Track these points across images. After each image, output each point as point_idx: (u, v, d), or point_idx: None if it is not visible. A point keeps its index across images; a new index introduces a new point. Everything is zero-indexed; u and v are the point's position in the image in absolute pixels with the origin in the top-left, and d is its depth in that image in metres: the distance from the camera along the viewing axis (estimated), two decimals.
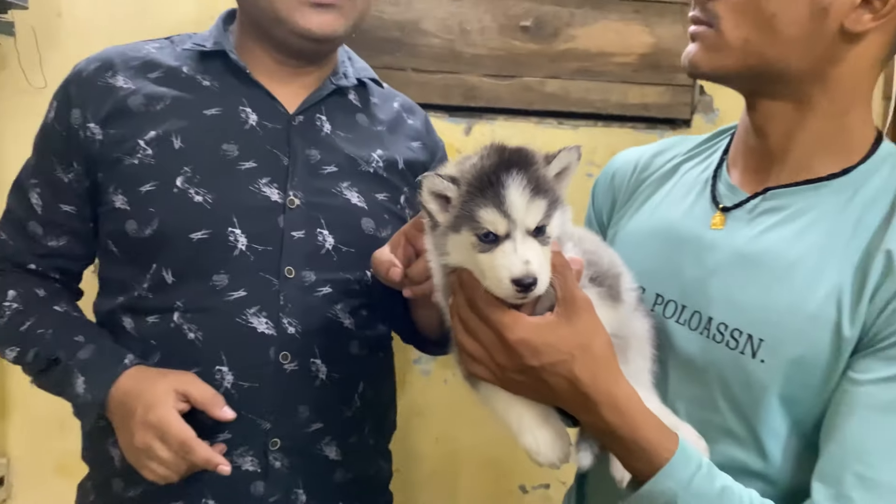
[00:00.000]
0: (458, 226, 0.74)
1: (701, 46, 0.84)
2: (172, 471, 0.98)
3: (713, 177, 0.92)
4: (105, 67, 1.07)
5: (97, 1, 1.60)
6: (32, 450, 1.72)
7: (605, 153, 1.68)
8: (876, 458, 0.74)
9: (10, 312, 1.09)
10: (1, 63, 1.58)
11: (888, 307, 0.76)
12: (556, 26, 1.65)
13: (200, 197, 1.03)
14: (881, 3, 0.78)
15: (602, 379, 0.75)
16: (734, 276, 0.84)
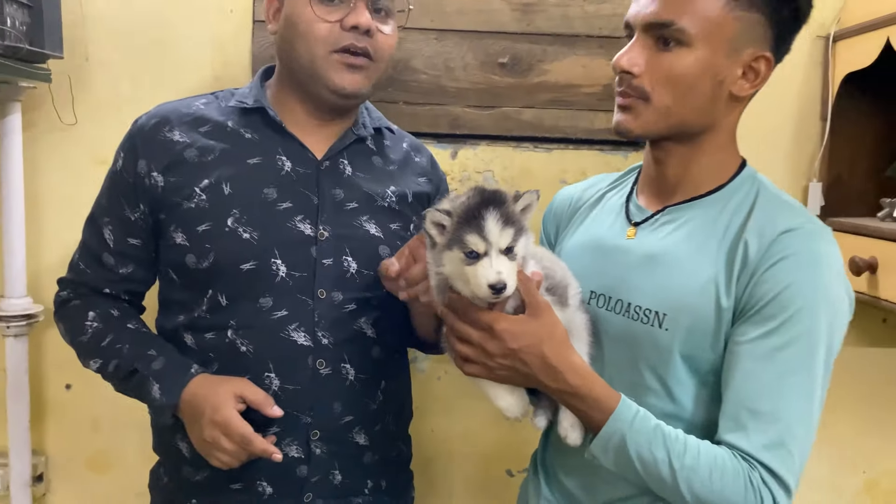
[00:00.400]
0: (451, 245, 0.97)
1: (632, 114, 1.05)
2: (234, 459, 1.14)
3: (626, 201, 1.17)
4: (163, 123, 1.22)
5: (119, 46, 1.70)
6: (67, 448, 1.81)
7: (575, 172, 1.81)
8: (758, 395, 0.96)
9: (91, 330, 1.24)
10: (37, 103, 1.69)
11: (750, 284, 0.98)
12: (530, 62, 1.76)
13: (247, 234, 1.18)
14: (754, 75, 1.04)
15: (563, 354, 1.00)
16: (644, 271, 1.07)
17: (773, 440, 0.94)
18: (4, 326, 1.66)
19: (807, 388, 0.96)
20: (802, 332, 0.95)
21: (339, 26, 1.16)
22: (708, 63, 1.02)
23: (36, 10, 1.48)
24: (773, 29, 1.03)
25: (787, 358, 0.95)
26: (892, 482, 1.94)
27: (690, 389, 1.04)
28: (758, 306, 0.97)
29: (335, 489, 1.23)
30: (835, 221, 1.76)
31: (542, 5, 1.75)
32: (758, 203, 1.05)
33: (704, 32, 1.00)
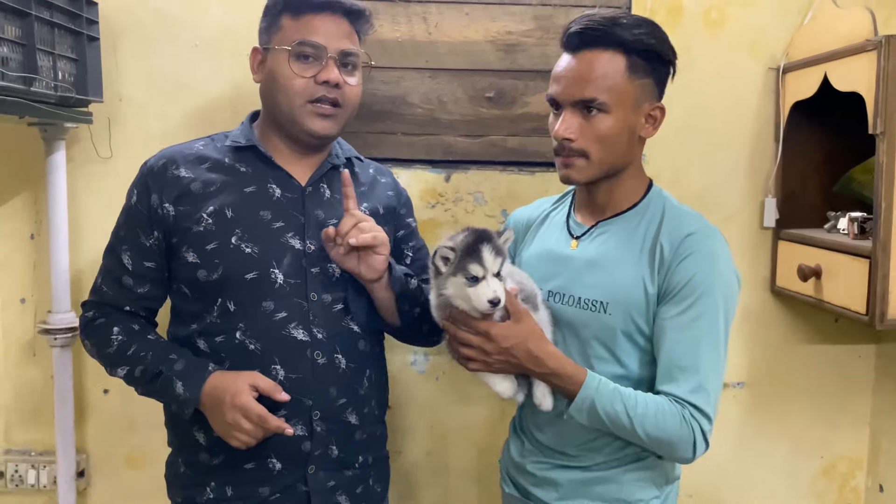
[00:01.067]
0: (455, 273, 1.25)
1: (576, 169, 1.33)
2: (252, 437, 1.31)
3: (567, 219, 1.45)
4: (170, 163, 1.40)
5: (149, 88, 1.89)
6: (106, 446, 1.97)
7: (555, 191, 1.81)
8: (682, 355, 1.27)
9: (117, 343, 1.40)
10: (77, 140, 1.88)
11: (668, 275, 1.28)
12: (514, 96, 1.94)
13: (249, 249, 1.37)
14: (654, 120, 1.34)
15: (542, 346, 1.29)
16: (588, 272, 1.35)
17: (696, 386, 1.25)
18: (52, 338, 1.85)
19: (714, 346, 1.27)
20: (707, 308, 1.27)
21: (313, 81, 1.36)
22: (623, 121, 1.30)
23: (81, 63, 1.69)
24: (657, 85, 1.34)
25: (698, 327, 1.26)
26: (847, 466, 2.13)
27: (631, 355, 1.33)
28: (674, 291, 1.28)
29: (333, 462, 1.41)
30: (787, 233, 1.96)
31: (523, 45, 1.94)
32: (666, 214, 1.35)
33: (616, 100, 1.29)
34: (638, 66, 1.29)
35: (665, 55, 1.32)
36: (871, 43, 1.56)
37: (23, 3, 1.46)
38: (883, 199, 1.55)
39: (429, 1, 1.92)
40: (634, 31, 1.28)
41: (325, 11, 1.38)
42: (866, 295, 1.59)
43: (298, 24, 1.38)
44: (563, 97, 1.31)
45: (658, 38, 1.31)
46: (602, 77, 1.28)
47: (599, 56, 1.29)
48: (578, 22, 1.31)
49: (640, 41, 1.28)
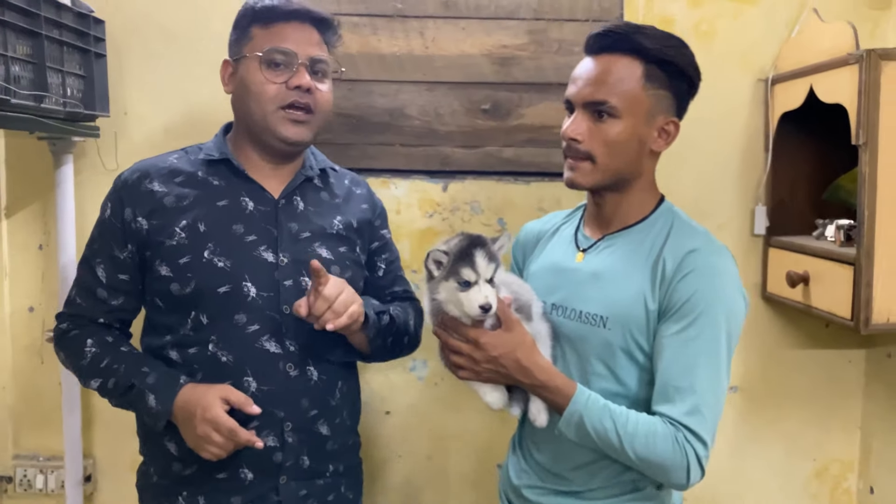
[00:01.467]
0: (448, 277, 1.25)
1: (580, 173, 1.32)
2: (223, 450, 1.31)
3: (576, 232, 1.43)
4: (144, 177, 1.41)
5: (153, 102, 1.94)
6: (113, 451, 2.01)
7: (551, 201, 2.02)
8: (679, 374, 1.23)
9: (90, 355, 1.40)
10: (84, 152, 1.94)
11: (668, 291, 1.26)
12: (509, 108, 1.98)
13: (222, 263, 1.37)
14: (667, 135, 1.33)
15: (531, 357, 1.27)
16: (590, 286, 1.33)
17: (692, 408, 1.21)
18: None
19: (714, 366, 1.23)
20: (707, 326, 1.23)
21: (284, 86, 1.37)
22: (633, 129, 1.29)
23: (89, 79, 1.75)
24: (676, 99, 1.32)
25: (697, 346, 1.23)
26: (839, 468, 2.16)
27: (630, 373, 1.30)
28: (675, 308, 1.25)
29: (304, 472, 1.42)
30: (777, 240, 2.00)
31: (518, 58, 1.99)
32: (672, 230, 1.32)
33: (628, 106, 1.27)
34: (655, 76, 1.28)
35: (685, 70, 1.30)
36: (853, 56, 1.60)
37: (33, 23, 1.51)
38: (866, 207, 1.60)
39: (426, 16, 1.97)
40: (656, 41, 1.27)
41: (294, 20, 1.40)
42: (851, 301, 1.63)
43: (268, 33, 1.39)
44: (576, 98, 1.31)
45: (681, 52, 1.30)
46: (616, 81, 1.27)
47: (617, 60, 1.28)
48: (602, 26, 1.31)
49: (660, 51, 1.27)
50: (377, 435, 2.08)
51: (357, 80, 1.97)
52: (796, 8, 2.00)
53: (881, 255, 1.60)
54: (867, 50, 1.57)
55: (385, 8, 1.97)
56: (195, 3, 1.95)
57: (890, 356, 2.06)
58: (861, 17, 1.98)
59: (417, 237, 2.04)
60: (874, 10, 2.02)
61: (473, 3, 1.97)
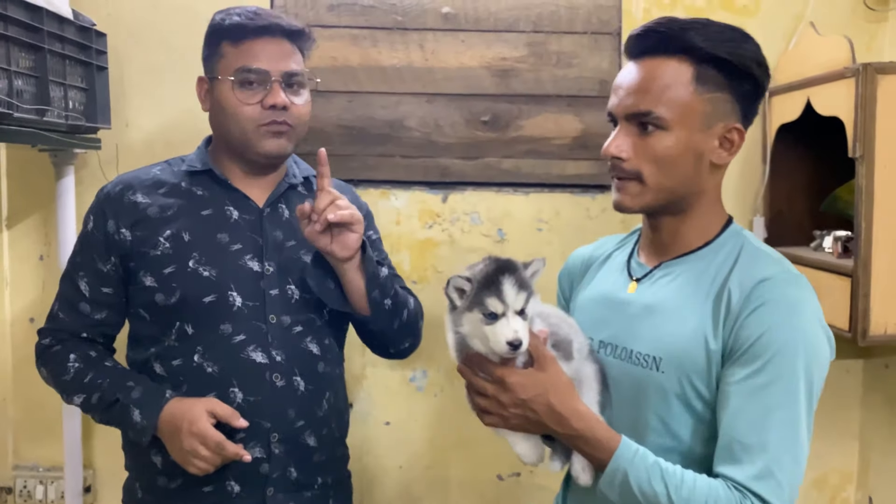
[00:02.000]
0: (472, 308, 1.07)
1: (628, 194, 1.14)
2: (210, 464, 1.30)
3: (629, 259, 1.26)
4: (126, 188, 1.40)
5: (154, 114, 1.96)
6: (112, 462, 1.93)
7: (549, 213, 2.03)
8: (747, 429, 1.02)
9: (73, 370, 1.38)
10: (85, 163, 1.95)
11: (735, 328, 1.06)
12: (508, 119, 1.99)
13: (207, 272, 1.37)
14: (730, 144, 1.13)
15: (567, 402, 1.08)
16: (643, 321, 1.15)
17: (762, 471, 1.00)
18: None
19: (791, 421, 1.02)
20: (783, 372, 1.02)
21: (259, 106, 1.36)
22: (686, 141, 1.10)
23: (91, 92, 1.76)
24: (738, 103, 1.12)
25: (770, 395, 1.02)
26: (838, 479, 2.16)
27: (688, 426, 1.10)
28: (742, 349, 1.04)
29: (292, 484, 1.40)
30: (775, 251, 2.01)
31: (516, 70, 2.00)
32: (741, 256, 1.12)
33: (678, 116, 1.09)
34: (709, 77, 1.10)
35: (747, 68, 1.10)
36: (849, 70, 1.62)
37: (36, 37, 1.52)
38: (863, 219, 1.61)
39: (426, 29, 1.98)
40: (709, 37, 1.09)
41: (264, 35, 1.38)
42: (849, 312, 1.64)
43: (239, 51, 1.38)
44: (618, 110, 1.14)
45: (740, 47, 1.10)
46: (663, 87, 1.09)
47: (662, 64, 1.10)
48: (643, 25, 1.14)
49: (713, 48, 1.09)
50: (377, 445, 2.08)
51: (357, 92, 1.99)
52: (793, 21, 2.02)
53: (878, 267, 1.61)
54: (863, 64, 1.58)
55: (385, 21, 1.98)
56: (196, 15, 1.94)
57: (888, 367, 2.07)
58: (857, 30, 2.00)
59: (417, 248, 2.05)
60: (870, 23, 2.04)
61: (473, 15, 1.99)
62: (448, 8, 1.98)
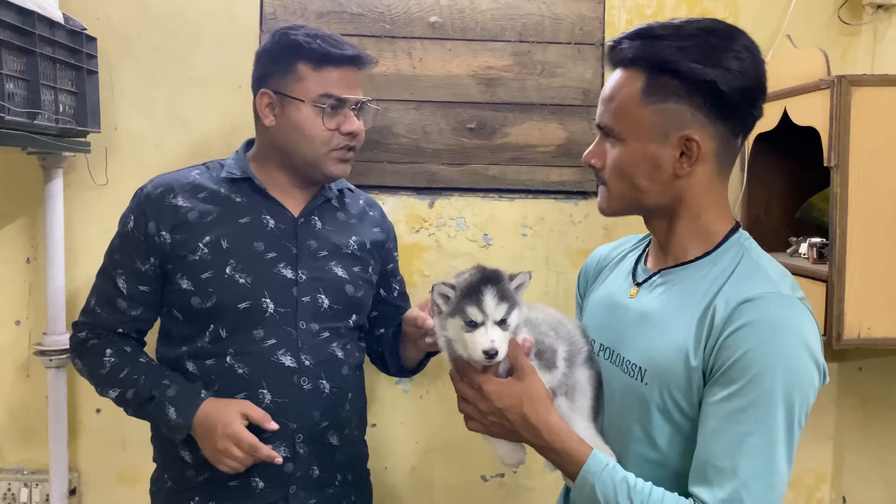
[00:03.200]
0: (454, 314, 1.10)
1: (601, 198, 1.18)
2: (242, 464, 1.36)
3: (636, 262, 1.25)
4: (167, 191, 1.44)
5: (144, 118, 1.97)
6: (98, 465, 2.02)
7: (533, 217, 2.07)
8: (720, 452, 1.00)
9: (109, 365, 1.43)
10: (74, 167, 1.95)
11: (716, 347, 1.03)
12: (494, 126, 2.03)
13: (243, 279, 1.41)
14: (689, 155, 1.09)
15: (541, 413, 1.08)
16: (636, 327, 1.15)
17: (731, 495, 0.98)
18: (47, 359, 1.90)
19: (765, 447, 0.99)
20: (761, 396, 0.99)
21: (337, 132, 1.43)
22: (639, 151, 1.10)
23: (81, 96, 1.77)
24: (699, 111, 1.07)
25: (746, 419, 0.99)
26: (813, 479, 2.22)
27: (668, 438, 1.09)
28: (722, 369, 1.02)
29: (314, 482, 1.45)
30: None
31: (502, 79, 2.04)
32: (737, 270, 1.09)
33: (627, 127, 1.11)
34: (659, 87, 1.08)
35: (699, 76, 1.05)
36: (824, 82, 1.67)
37: (27, 41, 1.53)
38: (837, 226, 1.66)
39: (413, 37, 2.02)
40: (665, 44, 1.07)
41: (349, 65, 1.44)
42: (824, 316, 1.69)
43: (321, 76, 1.42)
44: (596, 119, 1.18)
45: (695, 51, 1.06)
46: (613, 99, 1.12)
47: (621, 76, 1.12)
48: (617, 36, 1.15)
49: (664, 55, 1.07)
50: None
51: None
52: (771, 34, 2.08)
53: (852, 273, 1.66)
54: (838, 76, 1.64)
55: (374, 29, 2.01)
56: (186, 21, 1.98)
57: (861, 370, 2.13)
58: (832, 42, 2.07)
59: (404, 252, 2.05)
60: (844, 36, 2.11)
61: (460, 25, 2.02)
62: (435, 17, 2.02)
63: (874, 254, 1.66)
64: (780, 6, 2.08)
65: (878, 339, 1.68)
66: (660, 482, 1.06)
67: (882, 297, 1.67)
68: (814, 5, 2.09)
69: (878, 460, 2.07)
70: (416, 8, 2.01)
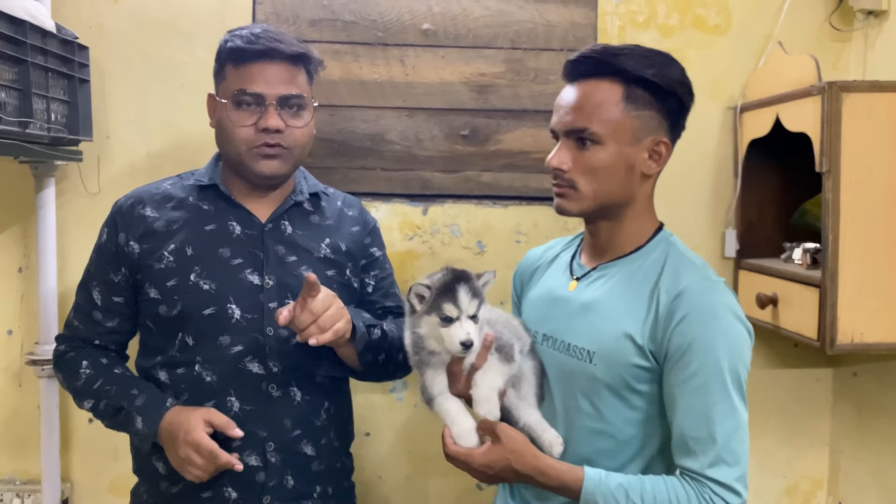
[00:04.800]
0: (430, 311, 1.23)
1: (566, 200, 1.28)
2: (205, 472, 1.34)
3: (571, 259, 1.40)
4: (137, 202, 1.46)
5: (136, 126, 1.97)
6: (90, 475, 2.01)
7: (528, 224, 2.07)
8: (695, 425, 1.18)
9: (84, 376, 1.44)
10: (66, 175, 1.95)
11: (665, 336, 1.20)
12: (487, 133, 2.03)
13: (208, 286, 1.41)
14: (658, 156, 1.28)
15: (529, 462, 1.23)
16: (580, 317, 1.29)
17: (714, 458, 1.16)
18: (39, 369, 1.90)
19: (729, 411, 1.17)
20: (714, 371, 1.17)
21: (254, 128, 1.39)
22: (617, 154, 1.24)
23: (73, 105, 1.76)
24: (665, 119, 1.27)
25: (708, 393, 1.17)
26: (809, 485, 2.21)
27: (616, 410, 1.25)
28: (676, 357, 1.20)
29: (289, 492, 1.43)
30: (746, 262, 2.07)
31: (495, 86, 2.04)
32: (667, 262, 1.27)
33: (610, 131, 1.23)
34: (637, 96, 1.23)
35: (671, 88, 1.24)
36: (815, 88, 1.68)
37: (19, 49, 1.53)
38: (830, 231, 1.66)
39: (406, 44, 2.02)
40: (636, 61, 1.23)
41: (263, 59, 1.40)
42: (817, 322, 1.69)
43: (239, 73, 1.40)
44: (559, 126, 1.27)
45: (664, 70, 1.24)
46: (595, 106, 1.23)
47: (596, 85, 1.24)
48: (579, 52, 1.27)
49: (640, 70, 1.22)
50: (357, 456, 2.01)
51: (339, 106, 2.01)
52: (762, 40, 2.08)
53: (845, 278, 1.66)
54: (829, 82, 1.64)
55: (366, 36, 2.01)
56: (178, 29, 1.98)
57: (855, 375, 2.13)
58: (823, 49, 2.07)
59: (398, 260, 2.06)
60: (836, 42, 2.11)
61: (452, 32, 2.03)
62: (428, 24, 2.02)
63: (867, 259, 1.67)
64: (772, 13, 2.09)
65: (872, 343, 1.69)
66: (606, 449, 1.26)
67: (875, 302, 1.68)
68: (805, 12, 2.09)
69: (874, 466, 2.06)
70: (408, 15, 2.02)
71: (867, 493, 2.08)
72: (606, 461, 1.25)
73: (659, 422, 1.25)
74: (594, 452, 1.26)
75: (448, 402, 1.27)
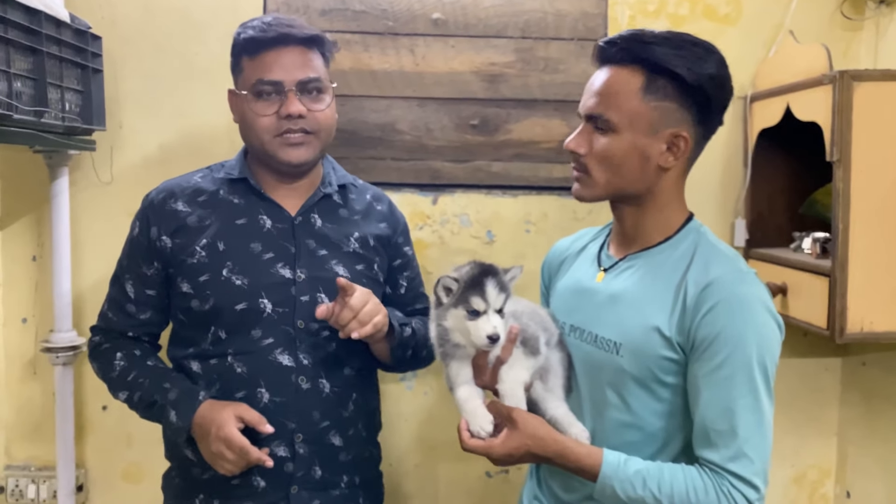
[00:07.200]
0: (457, 305, 1.21)
1: (581, 185, 1.28)
2: (236, 466, 1.37)
3: (600, 250, 1.38)
4: (169, 196, 1.47)
5: (149, 116, 1.98)
6: (104, 462, 2.04)
7: (538, 214, 2.07)
8: (718, 417, 1.16)
9: (119, 368, 1.47)
10: (79, 165, 1.97)
11: (692, 327, 1.18)
12: (497, 123, 2.03)
13: (240, 281, 1.42)
14: (676, 149, 1.24)
15: (549, 446, 1.21)
16: (607, 308, 1.28)
17: (736, 452, 1.14)
18: (54, 356, 1.92)
19: (754, 405, 1.15)
20: (741, 363, 1.15)
21: (276, 117, 1.40)
22: (631, 143, 1.22)
23: (87, 94, 1.78)
24: (688, 112, 1.22)
25: (733, 385, 1.15)
26: (817, 474, 2.22)
27: (643, 403, 1.24)
28: (703, 347, 1.17)
29: (316, 483, 1.45)
30: (756, 252, 2.07)
31: (505, 76, 2.04)
32: (697, 253, 1.24)
33: (626, 121, 1.21)
34: (658, 87, 1.20)
35: (696, 81, 1.19)
36: (826, 77, 1.68)
37: (34, 39, 1.54)
38: (840, 221, 1.66)
39: (416, 34, 2.02)
40: (663, 50, 1.19)
41: (277, 46, 1.40)
42: (827, 311, 1.70)
43: (255, 64, 1.41)
44: (582, 109, 1.27)
45: (692, 62, 1.19)
46: (613, 93, 1.21)
47: (618, 72, 1.22)
48: (611, 36, 1.26)
49: (665, 61, 1.19)
50: None
51: (349, 96, 2.02)
52: (773, 29, 2.08)
53: (855, 267, 1.67)
54: (840, 71, 1.64)
55: (376, 26, 2.02)
56: (190, 19, 1.99)
57: (864, 364, 2.13)
58: (834, 38, 2.07)
59: None
60: (847, 31, 2.11)
61: (462, 21, 2.03)
62: (438, 14, 2.02)
63: (876, 248, 1.67)
64: (783, 2, 2.08)
65: (881, 333, 1.69)
66: (634, 442, 1.25)
67: (884, 292, 1.68)
68: (816, 1, 2.09)
69: (882, 455, 2.07)
70: (418, 5, 2.02)
71: (875, 483, 2.09)
72: (634, 453, 1.23)
73: (687, 414, 1.23)
74: (621, 444, 1.25)
75: (467, 394, 1.26)
